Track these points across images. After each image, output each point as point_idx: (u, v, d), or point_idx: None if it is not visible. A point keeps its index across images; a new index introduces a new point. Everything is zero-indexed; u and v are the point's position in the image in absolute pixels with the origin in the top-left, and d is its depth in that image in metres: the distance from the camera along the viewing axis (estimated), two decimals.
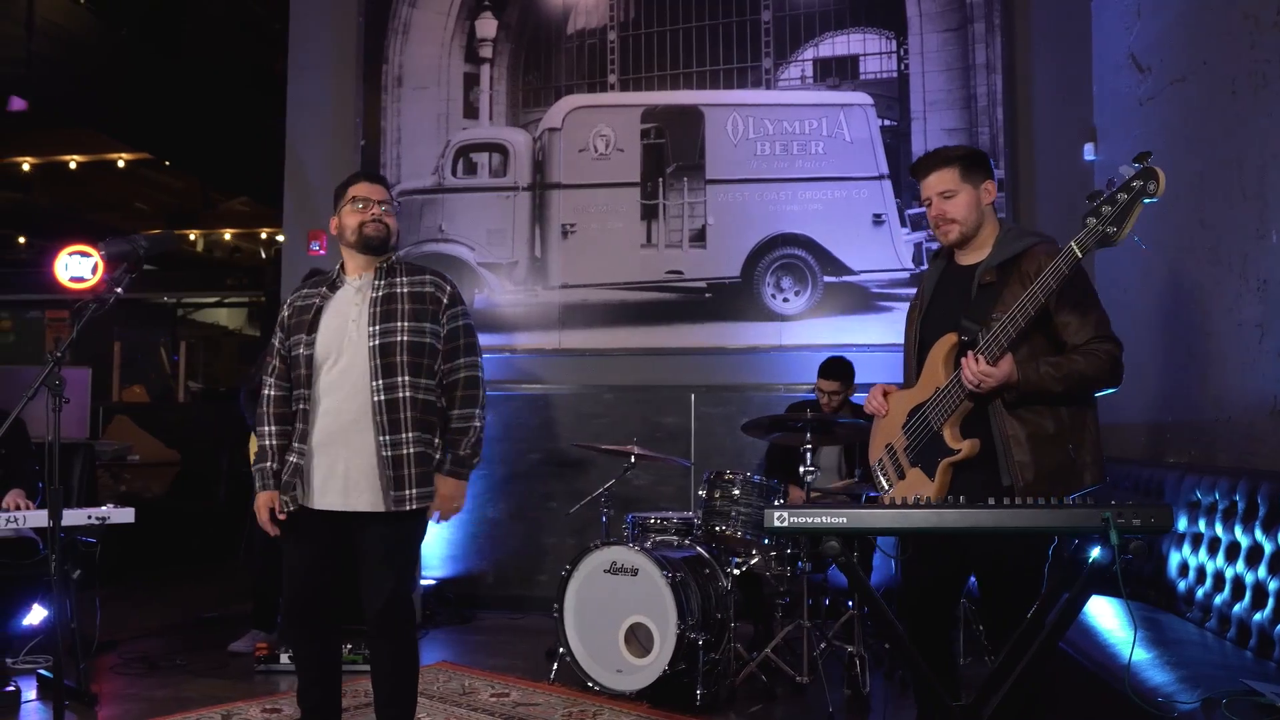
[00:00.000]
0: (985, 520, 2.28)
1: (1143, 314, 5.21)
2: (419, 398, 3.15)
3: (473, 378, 3.26)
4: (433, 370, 3.21)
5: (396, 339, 3.15)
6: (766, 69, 6.41)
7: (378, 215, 3.28)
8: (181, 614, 6.22)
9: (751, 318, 6.28)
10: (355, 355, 3.16)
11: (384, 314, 3.18)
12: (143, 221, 14.53)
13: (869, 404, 3.19)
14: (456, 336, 3.26)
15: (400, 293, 3.23)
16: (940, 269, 3.16)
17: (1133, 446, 5.35)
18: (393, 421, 3.12)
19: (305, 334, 3.22)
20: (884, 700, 4.48)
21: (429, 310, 3.22)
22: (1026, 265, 2.88)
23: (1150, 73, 5.21)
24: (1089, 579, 2.28)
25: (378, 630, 3.18)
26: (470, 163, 6.70)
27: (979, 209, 3.02)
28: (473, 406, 3.24)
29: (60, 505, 2.97)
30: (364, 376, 3.14)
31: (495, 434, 6.55)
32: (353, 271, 3.33)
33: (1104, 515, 2.21)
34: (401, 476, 3.12)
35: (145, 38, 10.35)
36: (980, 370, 2.74)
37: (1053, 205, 6.06)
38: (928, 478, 2.91)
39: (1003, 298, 2.86)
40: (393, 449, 3.12)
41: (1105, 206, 2.62)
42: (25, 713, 4.31)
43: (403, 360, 3.14)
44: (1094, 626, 3.57)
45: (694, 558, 4.63)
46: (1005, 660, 2.47)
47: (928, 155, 3.12)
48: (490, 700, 4.38)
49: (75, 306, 3.71)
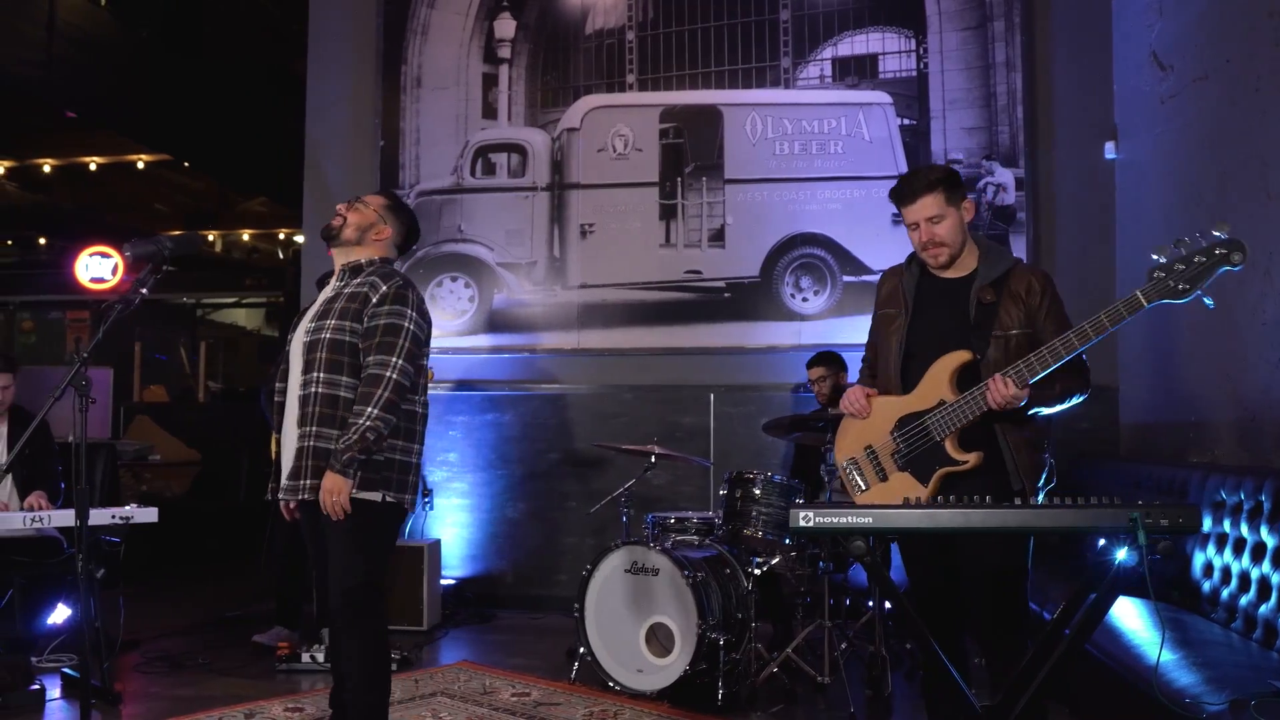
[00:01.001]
0: (1011, 520, 2.29)
1: (1165, 314, 5.17)
2: (335, 394, 3.18)
3: (374, 375, 3.16)
4: (356, 369, 3.22)
5: (322, 336, 3.23)
6: (785, 68, 6.40)
7: (340, 209, 3.42)
8: (203, 613, 6.24)
9: (771, 317, 6.27)
10: (296, 352, 3.31)
11: (324, 312, 3.28)
12: (162, 222, 14.62)
13: (851, 404, 3.19)
14: (374, 335, 3.21)
15: (345, 292, 3.29)
16: (915, 278, 3.21)
17: (1155, 447, 5.33)
18: (303, 415, 3.21)
19: (291, 332, 3.41)
20: (905, 701, 4.47)
21: (354, 309, 3.24)
22: (1015, 285, 3.02)
23: (1172, 71, 5.18)
24: (1116, 580, 2.27)
25: (336, 626, 3.27)
26: (489, 163, 6.71)
27: (962, 229, 3.11)
28: (365, 404, 3.13)
29: (87, 505, 2.98)
30: (298, 372, 3.28)
31: (514, 434, 6.57)
32: (334, 273, 3.44)
33: (1131, 516, 2.20)
34: (300, 467, 3.18)
35: (165, 39, 10.40)
36: (1010, 394, 2.82)
37: (1073, 203, 6.04)
38: (918, 483, 2.97)
39: (1000, 317, 2.98)
40: (299, 441, 3.21)
41: (1180, 265, 2.71)
42: (50, 711, 4.34)
43: (321, 357, 3.21)
44: (1117, 627, 3.55)
45: (714, 557, 4.63)
46: (1030, 662, 2.46)
47: (909, 179, 3.17)
48: (511, 699, 4.39)
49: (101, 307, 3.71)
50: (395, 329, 3.21)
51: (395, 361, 3.18)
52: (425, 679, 4.72)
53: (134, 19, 9.93)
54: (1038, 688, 2.39)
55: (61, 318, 14.16)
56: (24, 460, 3.91)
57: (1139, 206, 5.63)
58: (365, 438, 3.10)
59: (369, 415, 3.11)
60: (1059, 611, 2.48)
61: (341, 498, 3.08)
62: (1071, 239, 6.02)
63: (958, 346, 2.99)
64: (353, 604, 3.17)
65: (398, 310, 3.24)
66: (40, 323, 14.53)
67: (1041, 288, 3.02)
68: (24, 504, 4.63)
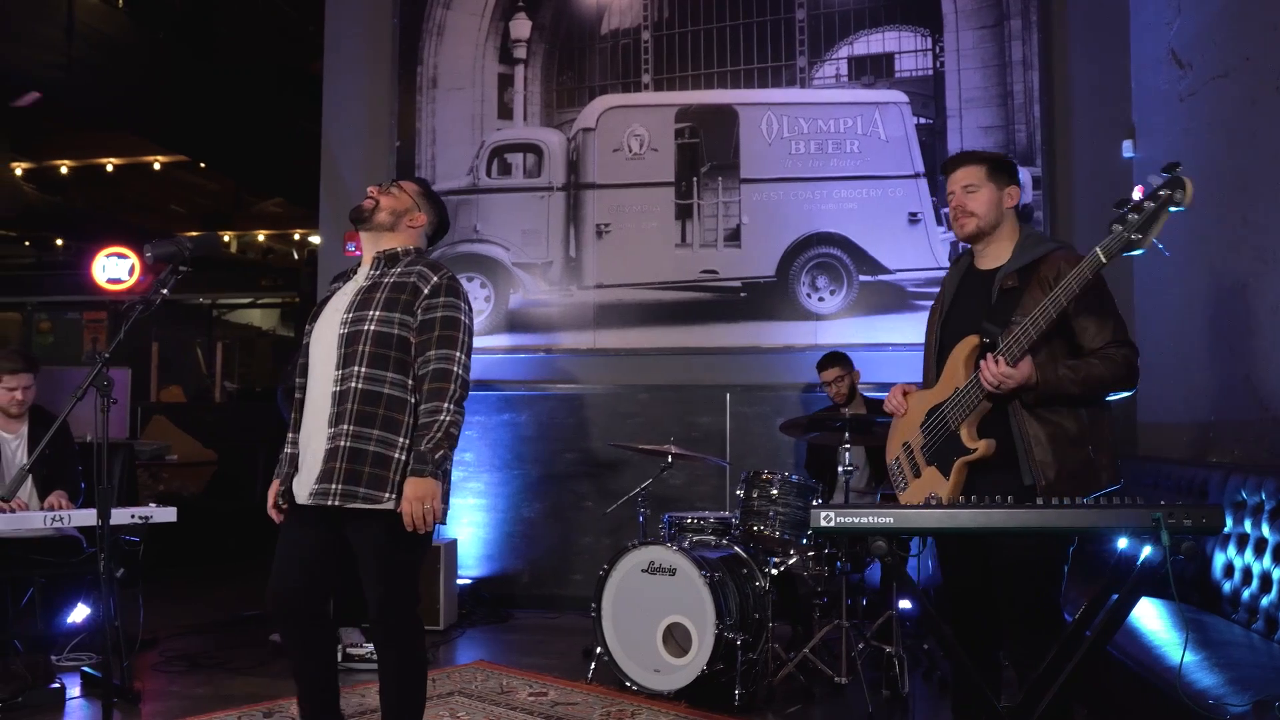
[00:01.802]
0: (1031, 520, 2.29)
1: (1184, 312, 5.16)
2: (378, 391, 2.96)
3: (442, 370, 2.97)
4: (403, 365, 3.00)
5: (364, 328, 2.98)
6: (801, 68, 6.40)
7: (371, 192, 3.18)
8: (220, 612, 6.27)
9: (787, 317, 6.27)
10: (328, 344, 3.04)
11: (362, 303, 3.03)
12: (178, 223, 14.70)
13: (888, 403, 3.23)
14: (431, 328, 3.00)
15: (385, 282, 3.06)
16: (961, 272, 3.22)
17: (1174, 446, 5.30)
18: (339, 413, 2.95)
19: (310, 324, 3.17)
20: (923, 701, 4.46)
21: (404, 300, 3.01)
22: (1046, 271, 2.94)
23: (1191, 69, 5.16)
24: (1140, 580, 2.26)
25: (376, 638, 3.06)
26: (505, 163, 6.72)
27: (999, 209, 3.09)
28: (439, 400, 2.94)
29: (109, 504, 2.99)
30: (331, 365, 3.01)
31: (530, 434, 6.58)
32: (364, 262, 3.21)
33: (1154, 516, 2.20)
34: (329, 470, 2.93)
35: (181, 41, 10.46)
36: (1000, 372, 2.79)
37: (1090, 202, 6.01)
38: (943, 476, 2.95)
39: (1023, 302, 2.91)
40: (330, 441, 2.95)
41: (1132, 214, 2.66)
42: (70, 709, 4.36)
43: (364, 350, 2.96)
44: (1138, 628, 3.54)
45: (731, 557, 4.62)
46: (1052, 663, 2.45)
47: (960, 152, 3.25)
48: (528, 699, 4.39)
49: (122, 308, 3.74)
50: (454, 323, 3.03)
51: (459, 356, 3.01)
52: (442, 678, 4.73)
53: (151, 21, 9.98)
54: (1060, 689, 2.38)
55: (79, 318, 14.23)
56: (44, 460, 3.92)
57: None
58: (450, 434, 2.93)
59: (447, 410, 2.93)
60: (1080, 612, 2.47)
61: (436, 503, 2.88)
62: (1089, 238, 5.91)
63: (973, 333, 2.98)
64: (395, 617, 2.99)
65: (453, 303, 3.05)
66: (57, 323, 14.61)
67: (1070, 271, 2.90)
68: (44, 504, 4.65)
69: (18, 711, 4.21)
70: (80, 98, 9.12)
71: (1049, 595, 2.91)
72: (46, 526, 4.43)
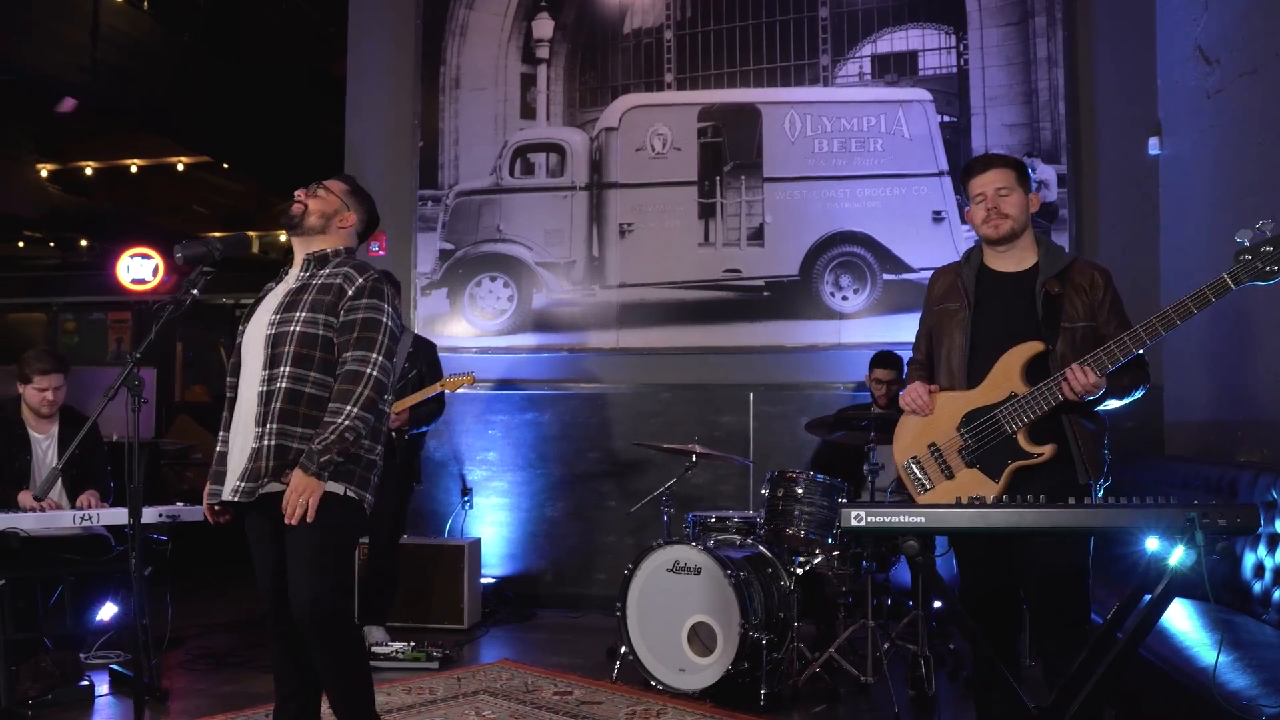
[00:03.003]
0: (1064, 520, 2.28)
1: (1211, 311, 5.11)
2: (300, 390, 2.98)
3: (354, 372, 2.97)
4: (327, 365, 3.02)
5: (290, 329, 3.00)
6: (824, 66, 6.38)
7: (299, 196, 3.18)
8: (244, 611, 6.29)
9: (810, 316, 6.25)
10: (256, 345, 3.06)
11: (289, 304, 3.05)
12: (201, 224, 14.78)
13: (914, 402, 3.18)
14: (351, 329, 3.02)
15: (314, 284, 3.08)
16: (974, 272, 3.20)
17: (1201, 445, 5.27)
18: (264, 413, 2.97)
19: (242, 324, 3.18)
20: (949, 701, 4.44)
21: (329, 301, 3.03)
22: (1079, 279, 3.06)
23: (1218, 65, 5.12)
24: (1173, 581, 2.25)
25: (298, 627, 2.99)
26: (528, 163, 6.73)
27: (1027, 213, 3.15)
28: (344, 402, 2.94)
29: (140, 504, 3.01)
30: (259, 366, 3.03)
31: (553, 433, 6.59)
32: (295, 264, 3.21)
33: (1189, 516, 2.18)
34: (254, 469, 2.95)
35: (205, 43, 10.52)
36: (1091, 383, 2.83)
37: (1116, 200, 5.98)
38: (989, 479, 2.95)
39: (1065, 309, 3.00)
40: (256, 440, 2.97)
41: (1266, 246, 2.73)
42: (99, 706, 4.40)
43: (289, 351, 2.98)
44: (1167, 628, 3.51)
45: (756, 556, 4.62)
46: (1084, 663, 2.44)
47: (983, 155, 3.32)
48: (554, 698, 4.40)
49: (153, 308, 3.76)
50: (374, 324, 3.04)
51: (376, 358, 3.01)
52: (467, 677, 4.75)
53: (176, 23, 10.04)
54: (1092, 690, 2.36)
55: (103, 318, 14.29)
56: (73, 460, 3.95)
57: (1183, 203, 5.57)
58: (344, 438, 2.91)
59: (348, 414, 2.93)
60: (1112, 613, 2.46)
61: (312, 500, 2.87)
62: (1114, 236, 5.96)
63: (1026, 339, 2.99)
64: (325, 612, 2.93)
65: (375, 305, 3.06)
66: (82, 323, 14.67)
67: (1105, 282, 3.06)
68: (74, 503, 4.69)
69: (48, 708, 4.25)
70: (106, 100, 9.18)
71: (1079, 594, 2.93)
72: (75, 525, 4.47)
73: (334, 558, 3.00)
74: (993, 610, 3.05)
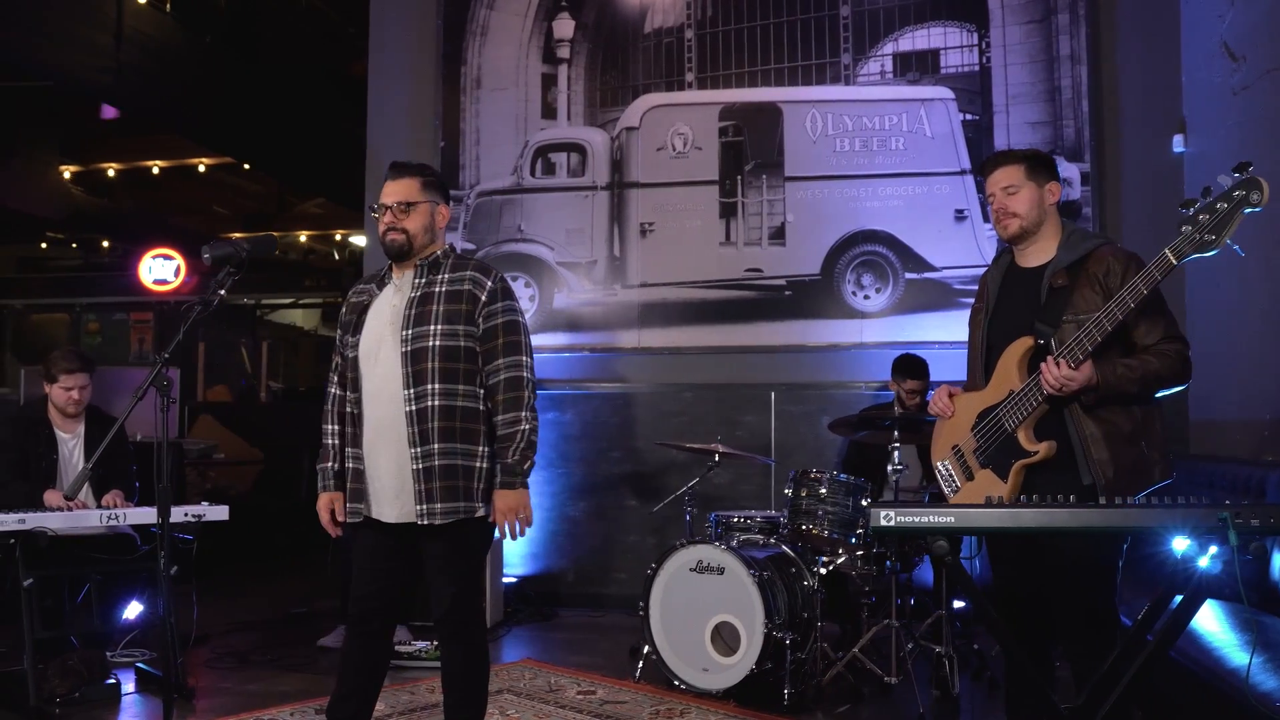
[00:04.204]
0: (1095, 520, 2.26)
1: (1238, 308, 5.09)
2: (453, 405, 2.99)
3: (515, 379, 3.03)
4: (472, 375, 3.04)
5: (428, 344, 2.99)
6: (845, 64, 6.36)
7: (391, 223, 3.08)
8: (269, 610, 6.33)
9: (832, 315, 6.24)
10: (390, 362, 3.03)
11: (418, 316, 3.02)
12: (222, 224, 14.88)
13: (935, 405, 3.20)
14: (494, 336, 3.04)
15: (438, 292, 3.05)
16: (1003, 270, 3.18)
17: (1228, 444, 5.23)
18: (422, 433, 2.97)
19: (352, 334, 3.15)
20: (973, 702, 4.42)
21: (464, 311, 3.02)
22: (1094, 268, 2.93)
23: (1244, 62, 5.08)
24: (1205, 582, 2.23)
25: (443, 635, 3.13)
26: (549, 163, 6.73)
27: (1041, 207, 3.06)
28: (517, 410, 3.01)
29: (169, 503, 3.02)
30: (398, 384, 3.00)
31: (575, 433, 6.59)
32: (397, 270, 3.17)
33: (1221, 516, 2.16)
34: (429, 490, 2.97)
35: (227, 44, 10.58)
36: (1062, 375, 2.76)
37: (1140, 198, 5.94)
38: (1000, 479, 2.92)
39: (1073, 301, 2.90)
40: (421, 461, 2.97)
41: (1203, 215, 2.62)
42: (125, 704, 4.42)
43: (434, 367, 2.98)
44: (1195, 629, 3.49)
45: (779, 556, 4.61)
46: (1114, 665, 2.43)
47: (995, 153, 3.24)
48: (577, 697, 4.40)
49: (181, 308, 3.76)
50: (515, 326, 3.08)
51: (526, 360, 3.07)
52: (490, 676, 4.74)
53: (198, 25, 10.10)
54: (1123, 692, 2.35)
55: (126, 319, 14.41)
56: (99, 459, 3.99)
57: None
58: (531, 441, 3.01)
59: (525, 419, 3.01)
60: (1143, 613, 2.44)
61: (527, 512, 3.01)
62: (1138, 235, 5.91)
63: (1026, 334, 2.95)
64: (466, 617, 3.09)
65: (511, 306, 3.10)
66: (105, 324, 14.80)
67: (1122, 268, 2.87)
68: (100, 503, 4.72)
69: (76, 706, 4.27)
70: (130, 101, 9.25)
71: (1107, 594, 2.90)
72: (102, 525, 4.50)
73: (475, 571, 3.18)
74: (1023, 611, 3.02)
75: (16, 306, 15.43)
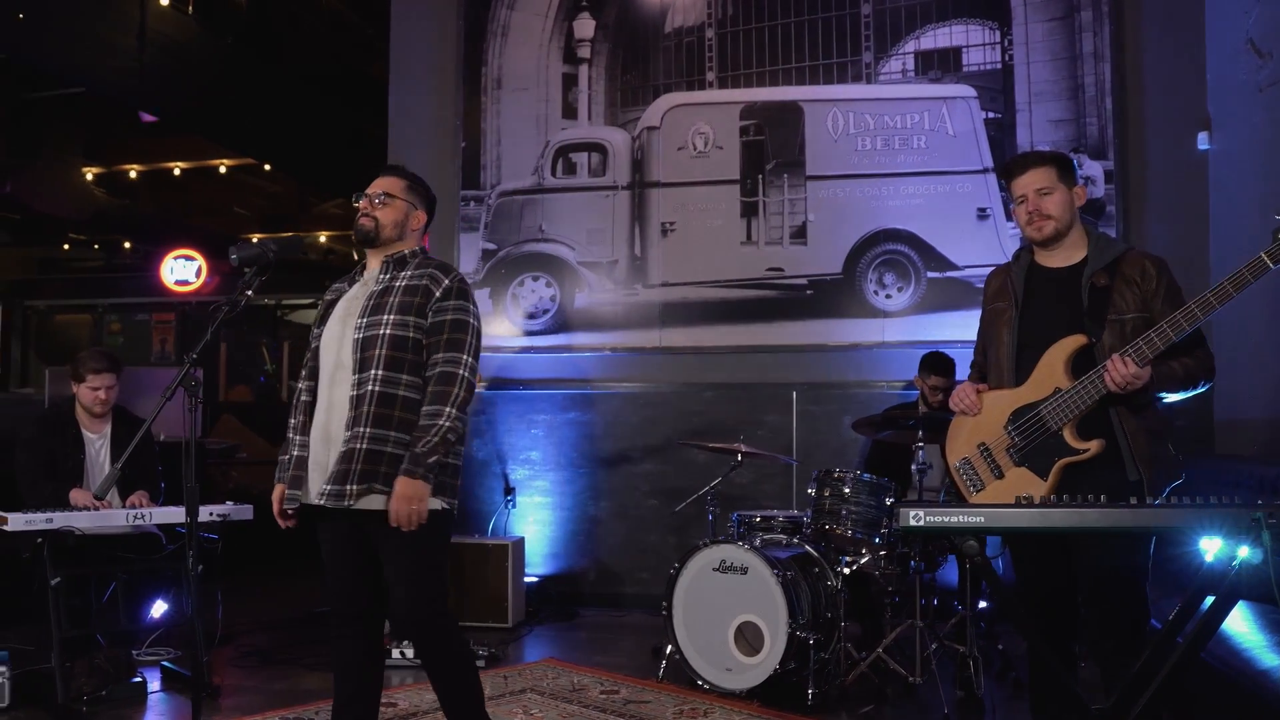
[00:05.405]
0: (1126, 520, 2.25)
1: (1263, 308, 5.05)
2: (394, 393, 2.98)
3: (448, 374, 3.00)
4: (418, 367, 3.03)
5: (379, 332, 3.01)
6: (867, 63, 6.35)
7: (366, 209, 3.19)
8: (291, 609, 6.35)
9: (854, 314, 6.22)
10: (346, 350, 3.06)
11: (375, 307, 3.06)
12: (242, 225, 14.95)
13: (962, 402, 3.17)
14: (440, 330, 3.04)
15: (398, 285, 3.09)
16: (1024, 270, 3.17)
17: (1252, 444, 5.20)
18: (356, 416, 2.97)
19: (317, 326, 3.21)
20: (998, 702, 4.41)
21: (417, 303, 3.05)
22: (1129, 270, 2.97)
23: (1271, 58, 5.05)
24: (1237, 583, 2.22)
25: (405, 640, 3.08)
26: (569, 163, 6.74)
27: (1072, 210, 3.09)
28: (442, 404, 2.96)
29: (197, 503, 3.04)
30: (348, 371, 3.03)
31: (596, 432, 6.60)
32: (370, 265, 3.24)
33: (1254, 516, 2.15)
34: (344, 471, 2.94)
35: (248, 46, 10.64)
36: (1130, 373, 2.77)
37: (1164, 196, 5.91)
38: (1038, 477, 2.92)
39: (1114, 301, 2.93)
40: (348, 443, 2.97)
41: None
42: (152, 702, 4.45)
43: (381, 354, 2.99)
44: (1224, 630, 3.46)
45: (802, 556, 4.61)
46: (1144, 666, 2.41)
47: (1021, 155, 3.23)
48: (600, 697, 4.41)
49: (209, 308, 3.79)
50: (463, 325, 3.07)
51: (466, 359, 3.04)
52: (514, 675, 4.76)
53: (219, 26, 10.15)
54: (1153, 694, 2.33)
55: (148, 319, 14.47)
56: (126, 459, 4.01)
57: (1233, 199, 5.49)
58: (446, 439, 2.95)
59: (448, 415, 2.96)
60: (1174, 615, 2.42)
61: (422, 506, 2.90)
62: (1162, 233, 5.88)
63: (1071, 333, 2.95)
64: (426, 620, 3.01)
65: (463, 306, 3.09)
66: (127, 324, 14.86)
67: (1156, 271, 2.95)
68: (126, 503, 4.75)
69: (103, 704, 4.30)
70: (152, 103, 9.30)
71: (1137, 594, 2.89)
72: (128, 524, 4.53)
73: (432, 569, 3.04)
74: (1050, 611, 3.01)
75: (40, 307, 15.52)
